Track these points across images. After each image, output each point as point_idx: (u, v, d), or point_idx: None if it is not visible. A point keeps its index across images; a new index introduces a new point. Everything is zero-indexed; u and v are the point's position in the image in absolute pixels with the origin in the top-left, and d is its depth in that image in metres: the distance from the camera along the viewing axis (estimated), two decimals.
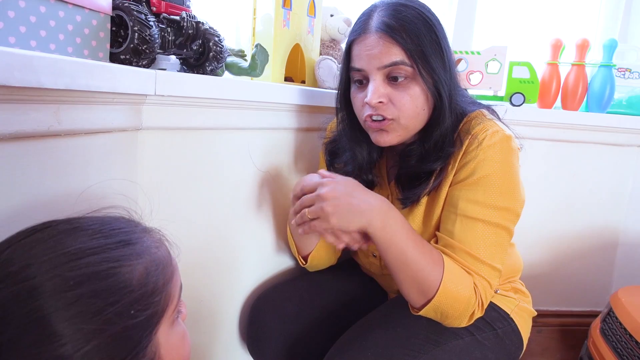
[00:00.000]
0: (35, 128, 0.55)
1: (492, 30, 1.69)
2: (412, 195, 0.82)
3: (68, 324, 0.39)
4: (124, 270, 0.43)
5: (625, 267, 1.59)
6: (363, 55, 0.78)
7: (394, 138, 0.80)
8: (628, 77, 1.51)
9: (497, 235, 0.76)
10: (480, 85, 1.40)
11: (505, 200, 0.76)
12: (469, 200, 0.77)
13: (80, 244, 0.43)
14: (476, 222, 0.76)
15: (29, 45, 0.56)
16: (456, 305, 0.73)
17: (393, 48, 0.75)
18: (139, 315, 0.43)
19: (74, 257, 0.42)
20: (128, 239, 0.46)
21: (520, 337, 0.89)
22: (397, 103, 0.77)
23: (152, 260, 0.47)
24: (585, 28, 1.78)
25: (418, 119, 0.79)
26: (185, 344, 0.52)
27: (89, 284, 0.41)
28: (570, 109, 1.46)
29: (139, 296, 0.44)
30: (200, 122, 0.82)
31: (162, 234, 0.53)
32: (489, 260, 0.75)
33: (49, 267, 0.40)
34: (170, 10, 0.74)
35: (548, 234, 1.54)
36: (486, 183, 0.76)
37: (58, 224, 0.45)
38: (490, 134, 0.76)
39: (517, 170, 0.79)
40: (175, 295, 0.50)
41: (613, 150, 1.50)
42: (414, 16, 0.76)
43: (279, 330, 0.93)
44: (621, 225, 1.57)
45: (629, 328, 1.13)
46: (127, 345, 0.42)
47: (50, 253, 0.41)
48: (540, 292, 1.47)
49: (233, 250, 0.97)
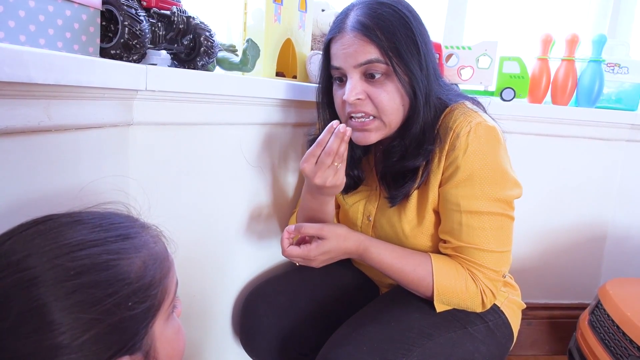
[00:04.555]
0: (25, 123, 0.54)
1: (483, 25, 1.70)
2: (399, 193, 0.83)
3: (67, 312, 0.40)
4: (123, 263, 0.44)
5: (613, 260, 1.62)
6: (340, 54, 0.79)
7: (376, 136, 0.82)
8: (617, 72, 1.52)
9: (502, 222, 0.80)
10: (471, 80, 1.41)
11: (501, 190, 0.78)
12: (468, 197, 0.78)
13: (81, 237, 0.44)
14: (481, 215, 0.78)
15: (18, 40, 0.55)
16: (461, 295, 0.80)
17: (368, 46, 0.76)
18: (137, 308, 0.44)
19: (74, 249, 0.42)
20: (127, 233, 0.47)
21: (511, 329, 0.90)
22: (375, 99, 0.78)
23: (150, 254, 0.48)
24: (575, 23, 1.79)
25: (397, 114, 0.80)
26: (179, 338, 0.53)
27: (89, 274, 0.42)
28: (559, 104, 1.47)
29: (137, 289, 0.45)
30: (192, 117, 0.82)
31: (160, 230, 0.54)
32: (499, 248, 0.79)
33: (49, 257, 0.41)
34: (160, 4, 0.74)
35: (537, 228, 1.56)
36: (480, 176, 0.77)
37: (59, 217, 0.46)
38: (474, 127, 0.77)
39: (505, 157, 0.80)
40: (171, 290, 0.51)
41: (602, 144, 1.52)
42: (390, 14, 0.76)
43: (272, 324, 0.93)
44: (609, 219, 1.59)
45: (616, 320, 1.15)
46: (124, 336, 0.43)
47: (51, 244, 0.42)
48: (529, 285, 1.49)
49: (224, 245, 0.98)
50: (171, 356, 0.51)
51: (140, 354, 0.45)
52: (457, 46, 1.41)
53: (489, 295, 0.80)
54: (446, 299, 0.81)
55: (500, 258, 0.80)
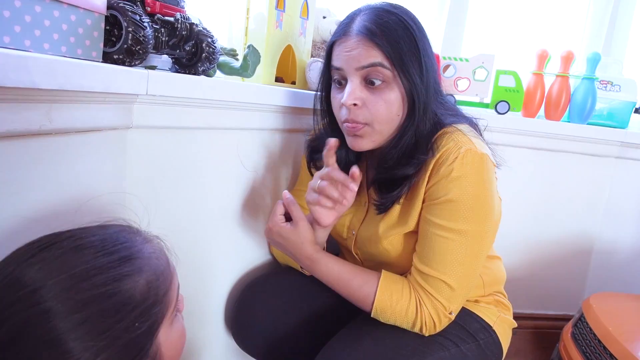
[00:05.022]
0: (26, 127, 0.55)
1: (481, 38, 1.72)
2: (387, 200, 0.83)
3: (80, 342, 0.43)
4: (127, 288, 0.47)
5: (598, 274, 1.65)
6: (342, 55, 0.79)
7: (368, 143, 0.82)
8: (609, 89, 1.55)
9: (467, 256, 0.78)
10: (467, 92, 1.43)
11: (477, 222, 0.77)
12: (441, 222, 0.77)
13: (85, 264, 0.46)
14: (447, 241, 0.77)
15: (23, 45, 0.56)
16: (398, 319, 0.80)
17: (372, 50, 0.77)
18: (142, 327, 0.47)
19: (80, 279, 0.45)
20: (129, 255, 0.49)
21: (501, 347, 0.91)
22: (371, 108, 0.79)
23: (153, 272, 0.50)
24: (571, 40, 1.82)
25: (392, 124, 0.80)
26: (182, 338, 0.56)
27: (96, 304, 0.44)
28: (552, 119, 1.49)
29: (142, 310, 0.47)
30: (190, 122, 0.83)
31: (161, 240, 0.56)
32: (457, 285, 0.78)
33: (58, 291, 0.43)
34: (164, 10, 0.74)
35: (526, 239, 1.58)
36: (458, 204, 0.76)
37: (62, 241, 0.48)
38: (463, 153, 0.76)
39: (490, 189, 0.79)
40: (173, 298, 0.53)
41: (592, 160, 1.54)
42: (396, 22, 0.77)
43: (267, 323, 0.95)
44: (596, 234, 1.62)
45: (598, 334, 1.17)
46: (132, 352, 0.46)
47: (58, 275, 0.44)
48: (516, 295, 1.50)
49: (220, 248, 0.99)
50: (175, 354, 0.54)
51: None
52: (455, 57, 1.42)
53: (429, 326, 0.79)
54: (384, 319, 0.81)
55: (454, 296, 0.78)
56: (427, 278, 0.79)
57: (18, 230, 0.57)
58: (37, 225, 0.55)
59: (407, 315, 0.79)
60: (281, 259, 1.06)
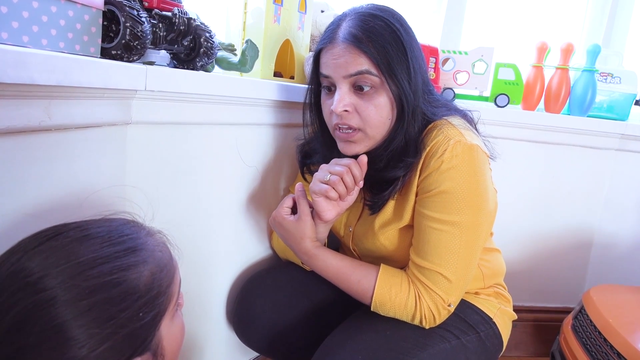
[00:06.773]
0: (26, 123, 0.55)
1: (480, 31, 1.71)
2: (379, 201, 0.84)
3: (84, 329, 0.43)
4: (132, 277, 0.47)
5: (598, 266, 1.65)
6: (330, 63, 0.79)
7: (361, 148, 0.82)
8: (610, 81, 1.54)
9: (463, 248, 0.78)
10: (467, 85, 1.43)
11: (471, 213, 0.77)
12: (434, 215, 0.78)
13: (91, 253, 0.46)
14: (440, 233, 0.77)
15: (21, 41, 0.56)
16: (397, 312, 0.80)
17: (359, 58, 0.76)
18: (146, 317, 0.47)
19: (86, 267, 0.45)
20: (134, 246, 0.50)
21: (501, 339, 0.92)
22: (362, 113, 0.79)
23: (157, 264, 0.51)
24: (570, 32, 1.81)
25: (383, 128, 0.81)
26: (182, 333, 0.57)
27: (102, 292, 0.45)
28: (552, 112, 1.49)
29: (146, 300, 0.48)
30: (189, 117, 0.83)
31: (164, 234, 0.57)
32: (454, 277, 0.78)
33: (64, 278, 0.44)
34: (162, 5, 0.74)
35: (526, 232, 1.58)
36: (450, 196, 0.77)
37: (69, 231, 0.48)
38: (452, 145, 0.76)
39: (483, 179, 0.78)
40: (176, 291, 0.54)
41: (592, 153, 1.54)
42: (382, 27, 0.77)
43: (268, 316, 0.95)
44: (596, 226, 1.62)
45: (598, 326, 1.18)
46: (135, 342, 0.47)
47: (65, 263, 0.45)
48: (516, 288, 1.51)
49: (221, 242, 0.99)
50: (175, 349, 0.54)
51: (149, 353, 0.49)
52: (454, 51, 1.42)
53: (429, 318, 0.79)
54: (384, 312, 0.82)
55: (452, 288, 0.78)
56: (424, 271, 0.79)
57: (18, 226, 0.57)
58: (37, 221, 0.55)
59: (407, 308, 0.79)
60: (282, 254, 1.07)
